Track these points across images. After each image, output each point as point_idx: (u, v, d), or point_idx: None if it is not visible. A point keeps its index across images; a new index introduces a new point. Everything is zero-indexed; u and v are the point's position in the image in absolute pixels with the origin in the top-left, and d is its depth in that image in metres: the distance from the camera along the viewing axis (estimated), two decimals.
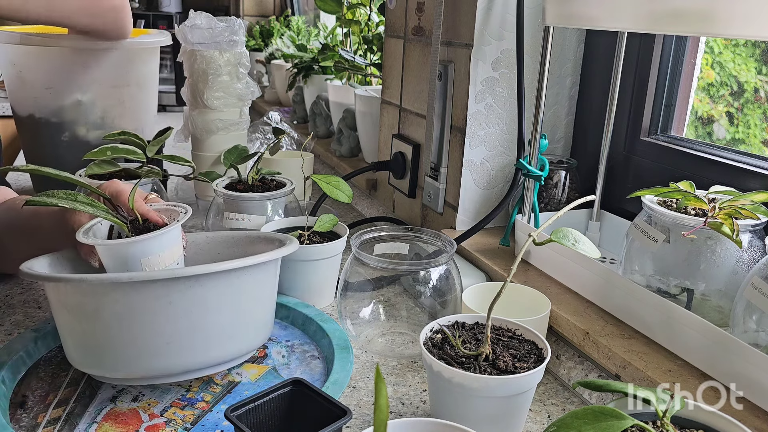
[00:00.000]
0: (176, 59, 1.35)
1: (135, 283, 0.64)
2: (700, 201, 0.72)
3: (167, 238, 0.73)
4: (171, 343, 0.66)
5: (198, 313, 0.67)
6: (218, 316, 0.68)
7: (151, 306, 0.64)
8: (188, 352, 0.68)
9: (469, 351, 0.64)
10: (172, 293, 0.64)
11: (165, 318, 0.65)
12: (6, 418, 0.67)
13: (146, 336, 0.65)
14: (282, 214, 1.07)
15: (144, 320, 0.65)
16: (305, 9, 3.13)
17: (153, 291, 0.64)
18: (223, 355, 0.71)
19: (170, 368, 0.68)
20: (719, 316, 0.73)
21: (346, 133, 1.64)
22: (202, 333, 0.68)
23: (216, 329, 0.68)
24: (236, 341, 0.72)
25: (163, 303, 0.64)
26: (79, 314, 0.67)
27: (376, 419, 0.36)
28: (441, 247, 0.87)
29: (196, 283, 0.65)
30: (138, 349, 0.66)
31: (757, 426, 0.58)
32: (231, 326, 0.70)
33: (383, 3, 1.65)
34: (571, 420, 0.46)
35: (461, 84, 1.02)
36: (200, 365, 0.69)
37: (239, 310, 0.71)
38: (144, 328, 0.65)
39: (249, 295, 0.71)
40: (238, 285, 0.69)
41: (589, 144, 1.07)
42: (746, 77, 0.92)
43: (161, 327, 0.65)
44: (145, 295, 0.64)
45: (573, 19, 0.83)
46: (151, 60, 1.36)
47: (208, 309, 0.67)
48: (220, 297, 0.68)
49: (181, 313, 0.65)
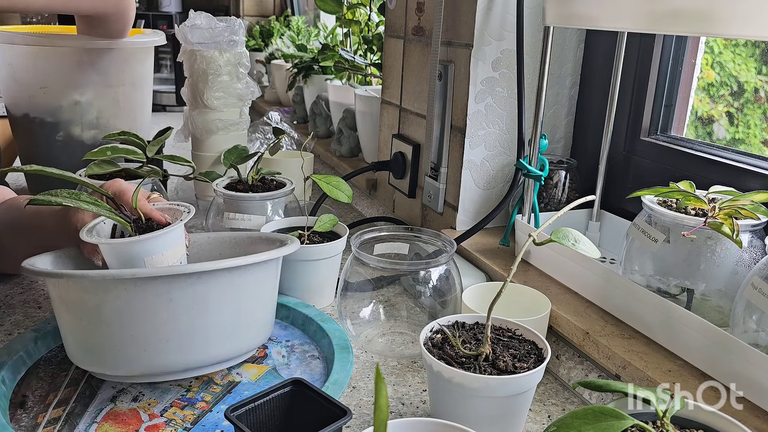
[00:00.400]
0: (176, 59, 1.35)
1: (136, 279, 0.64)
2: (700, 201, 0.72)
3: (170, 237, 0.73)
4: (171, 340, 0.66)
5: (198, 311, 0.67)
6: (219, 315, 0.68)
7: (152, 303, 0.64)
8: (188, 350, 0.68)
9: (469, 351, 0.64)
10: (173, 290, 0.65)
11: (166, 315, 0.65)
12: (6, 418, 0.67)
13: (147, 333, 0.66)
14: (282, 214, 1.07)
15: (145, 317, 0.65)
16: (305, 9, 3.13)
17: (154, 288, 0.64)
18: (223, 353, 0.71)
19: (170, 366, 0.68)
20: (719, 316, 0.73)
21: (346, 133, 1.64)
22: (203, 331, 0.68)
23: (216, 327, 0.69)
24: (236, 340, 0.72)
25: (164, 300, 0.64)
26: (80, 311, 0.67)
27: (376, 419, 0.36)
28: (441, 247, 0.87)
29: (197, 281, 0.66)
30: (138, 346, 0.66)
31: (757, 426, 0.58)
32: (231, 325, 0.70)
33: (383, 3, 1.65)
34: (571, 420, 0.46)
35: (461, 84, 1.02)
36: (200, 363, 0.69)
37: (240, 309, 0.71)
38: (144, 326, 0.65)
39: (249, 294, 0.71)
40: (239, 283, 0.69)
41: (589, 144, 1.07)
42: (746, 77, 0.92)
43: (162, 324, 0.65)
44: (147, 292, 0.64)
45: (573, 19, 0.83)
46: (146, 60, 1.36)
47: (208, 307, 0.67)
48: (221, 295, 0.68)
49: (182, 311, 0.66)
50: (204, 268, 0.65)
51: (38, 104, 1.26)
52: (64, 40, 1.21)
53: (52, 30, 1.27)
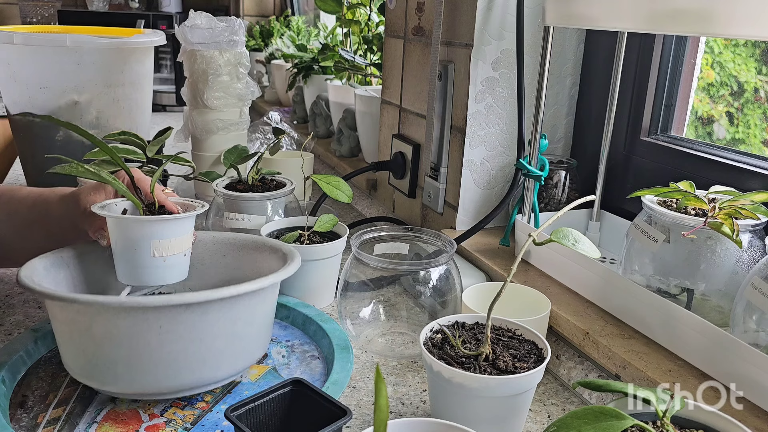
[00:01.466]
0: (176, 59, 1.35)
1: (125, 307, 0.63)
2: (700, 201, 0.72)
3: (180, 225, 0.73)
4: (162, 364, 0.65)
5: (190, 338, 0.65)
6: (212, 342, 0.67)
7: (141, 329, 0.63)
8: (180, 374, 0.66)
9: (469, 351, 0.64)
10: (162, 318, 0.63)
11: (156, 342, 0.64)
12: (6, 418, 0.67)
13: (137, 357, 0.64)
14: (282, 214, 1.07)
15: (134, 342, 0.64)
16: (305, 9, 3.13)
17: (143, 315, 0.63)
18: (217, 375, 0.69)
19: (161, 387, 0.67)
20: (719, 316, 0.73)
21: (346, 133, 1.64)
22: (195, 356, 0.66)
23: (209, 353, 0.67)
24: (230, 363, 0.70)
25: (153, 327, 0.63)
26: (73, 328, 0.67)
27: (376, 419, 0.36)
28: (441, 247, 0.87)
29: (187, 310, 0.64)
30: (129, 367, 0.65)
31: (757, 426, 0.58)
32: (225, 349, 0.68)
33: (383, 3, 1.65)
34: (571, 420, 0.46)
35: (461, 84, 1.02)
36: (193, 385, 0.68)
37: (234, 334, 0.69)
38: (134, 350, 0.64)
39: (244, 319, 0.69)
40: (233, 311, 0.68)
41: (589, 144, 1.07)
42: (746, 77, 0.92)
43: (152, 350, 0.64)
44: (136, 319, 0.63)
45: (573, 19, 0.83)
46: (146, 59, 1.36)
47: (200, 334, 0.66)
48: (214, 323, 0.66)
49: (173, 338, 0.64)
50: (194, 299, 0.63)
51: (38, 104, 1.26)
52: (64, 40, 1.21)
53: (52, 30, 1.27)
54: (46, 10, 3.11)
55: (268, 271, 0.80)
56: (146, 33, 1.41)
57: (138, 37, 1.32)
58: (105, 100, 1.30)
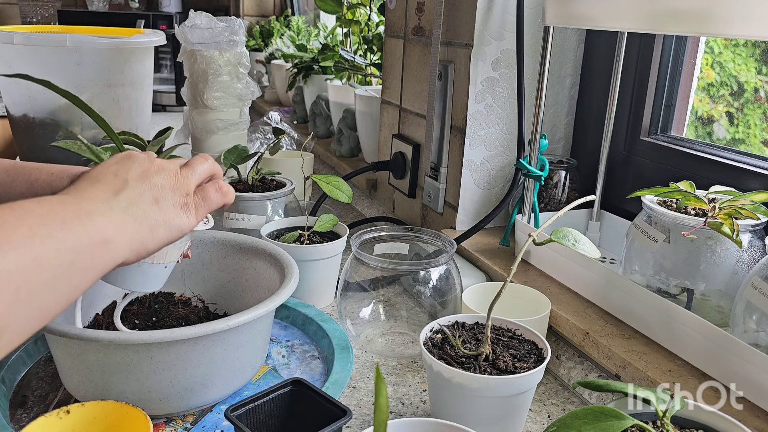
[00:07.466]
0: (176, 59, 1.35)
1: (116, 344, 0.62)
2: (700, 201, 0.72)
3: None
4: (153, 390, 0.65)
5: (181, 367, 0.65)
6: (204, 368, 0.66)
7: (132, 359, 0.63)
8: (172, 399, 0.66)
9: (469, 351, 0.64)
10: (152, 349, 0.63)
11: (147, 370, 0.64)
12: (6, 418, 0.67)
13: (128, 383, 0.64)
14: (282, 214, 1.07)
15: (125, 370, 0.64)
16: (305, 9, 3.13)
17: (135, 348, 0.63)
18: (210, 398, 0.69)
19: (154, 410, 0.66)
20: (719, 316, 0.73)
21: (346, 133, 1.64)
22: (187, 382, 0.66)
23: (201, 379, 0.67)
24: (224, 385, 0.70)
25: (144, 357, 0.63)
26: (66, 352, 0.67)
27: (376, 419, 0.36)
28: (441, 247, 0.87)
29: (177, 342, 0.63)
30: (120, 392, 0.65)
31: (757, 426, 0.58)
32: (218, 374, 0.68)
33: (383, 3, 1.65)
34: (571, 420, 0.46)
35: (461, 84, 1.02)
36: (187, 407, 0.68)
37: (226, 359, 0.68)
38: (124, 378, 0.64)
39: (237, 345, 0.69)
40: (225, 339, 0.67)
41: (589, 144, 1.07)
42: (746, 77, 0.92)
43: (142, 377, 0.64)
44: (127, 350, 0.63)
45: (573, 19, 0.83)
46: (146, 59, 1.36)
47: (192, 363, 0.65)
48: (205, 352, 0.66)
49: (164, 367, 0.64)
50: (183, 335, 0.62)
51: (38, 104, 1.26)
52: (64, 40, 1.21)
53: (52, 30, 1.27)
54: (46, 10, 3.10)
55: (267, 280, 0.80)
56: (146, 33, 1.41)
57: (138, 37, 1.32)
58: (105, 100, 1.30)
